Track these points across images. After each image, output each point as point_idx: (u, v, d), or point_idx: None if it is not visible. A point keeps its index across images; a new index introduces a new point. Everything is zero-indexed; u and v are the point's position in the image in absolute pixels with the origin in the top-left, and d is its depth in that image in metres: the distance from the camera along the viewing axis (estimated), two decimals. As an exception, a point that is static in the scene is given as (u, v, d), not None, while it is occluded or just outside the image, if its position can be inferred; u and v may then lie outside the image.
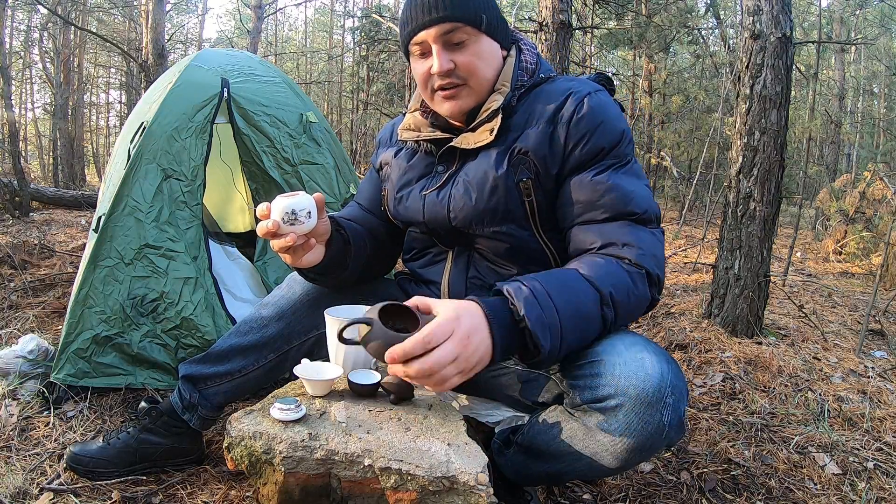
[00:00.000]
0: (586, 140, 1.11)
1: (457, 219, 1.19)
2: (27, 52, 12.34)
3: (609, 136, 1.11)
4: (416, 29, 1.14)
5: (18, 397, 1.70)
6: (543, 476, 1.14)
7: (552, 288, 0.96)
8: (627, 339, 1.00)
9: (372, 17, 10.05)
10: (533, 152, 1.13)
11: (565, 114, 1.12)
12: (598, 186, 1.10)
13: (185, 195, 2.03)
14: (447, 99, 1.17)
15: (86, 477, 1.35)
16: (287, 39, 21.15)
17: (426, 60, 1.16)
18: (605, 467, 1.00)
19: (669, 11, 7.64)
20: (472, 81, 1.15)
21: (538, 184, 1.14)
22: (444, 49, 1.13)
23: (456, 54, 1.14)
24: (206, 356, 1.37)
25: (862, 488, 1.53)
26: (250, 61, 2.54)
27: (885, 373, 2.41)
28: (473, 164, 1.18)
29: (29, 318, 2.36)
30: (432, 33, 1.12)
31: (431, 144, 1.25)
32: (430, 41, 1.13)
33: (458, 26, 1.12)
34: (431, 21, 1.11)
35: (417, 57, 1.18)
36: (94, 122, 16.21)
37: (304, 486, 1.02)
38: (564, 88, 1.16)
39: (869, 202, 5.48)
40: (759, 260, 2.75)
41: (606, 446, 0.98)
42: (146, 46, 5.52)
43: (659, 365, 0.95)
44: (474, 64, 1.14)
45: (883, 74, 12.54)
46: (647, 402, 0.93)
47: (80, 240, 4.03)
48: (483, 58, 1.15)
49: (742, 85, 2.78)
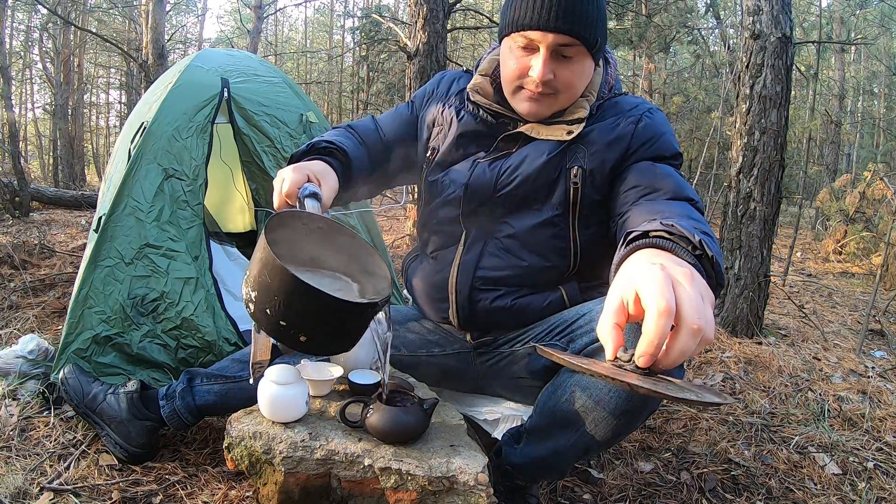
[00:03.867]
0: (651, 143, 1.16)
1: (504, 188, 1.20)
2: (27, 52, 12.33)
3: (669, 148, 1.17)
4: (532, 24, 1.09)
5: (18, 397, 1.70)
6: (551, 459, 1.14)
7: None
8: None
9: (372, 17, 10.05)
10: (594, 144, 1.16)
11: (633, 115, 1.17)
12: (659, 171, 1.12)
13: (186, 195, 2.03)
14: (531, 101, 1.17)
15: (66, 396, 1.49)
16: (287, 39, 21.14)
17: (526, 56, 1.13)
18: (612, 417, 1.00)
19: (669, 11, 7.64)
20: (564, 95, 1.16)
21: (588, 176, 1.16)
22: (552, 58, 1.11)
23: (560, 66, 1.12)
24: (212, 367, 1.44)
25: (862, 488, 1.53)
26: (250, 61, 2.54)
27: (885, 373, 2.41)
28: (534, 145, 1.20)
29: (29, 318, 2.36)
30: (549, 39, 1.09)
31: (492, 118, 1.25)
32: (543, 45, 1.10)
33: (576, 43, 1.10)
34: (554, 27, 1.07)
35: (518, 48, 1.14)
36: (94, 122, 16.21)
37: (304, 486, 1.02)
38: (633, 102, 1.22)
39: (869, 202, 5.48)
40: (759, 260, 2.75)
41: (608, 387, 0.98)
42: (146, 46, 5.52)
43: None
44: (573, 81, 1.15)
45: (883, 74, 12.54)
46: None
47: (80, 240, 4.03)
48: (583, 76, 1.16)
49: (742, 85, 2.78)
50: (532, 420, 1.16)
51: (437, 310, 1.33)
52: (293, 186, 1.08)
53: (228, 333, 1.94)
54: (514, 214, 1.21)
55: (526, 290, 1.23)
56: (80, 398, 1.47)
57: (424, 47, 4.32)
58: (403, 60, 6.89)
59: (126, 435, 1.42)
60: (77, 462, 1.43)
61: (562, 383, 1.09)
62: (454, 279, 1.26)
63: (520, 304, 1.23)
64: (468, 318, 1.27)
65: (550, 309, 1.23)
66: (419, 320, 1.42)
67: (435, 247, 1.33)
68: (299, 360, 1.27)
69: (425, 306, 1.37)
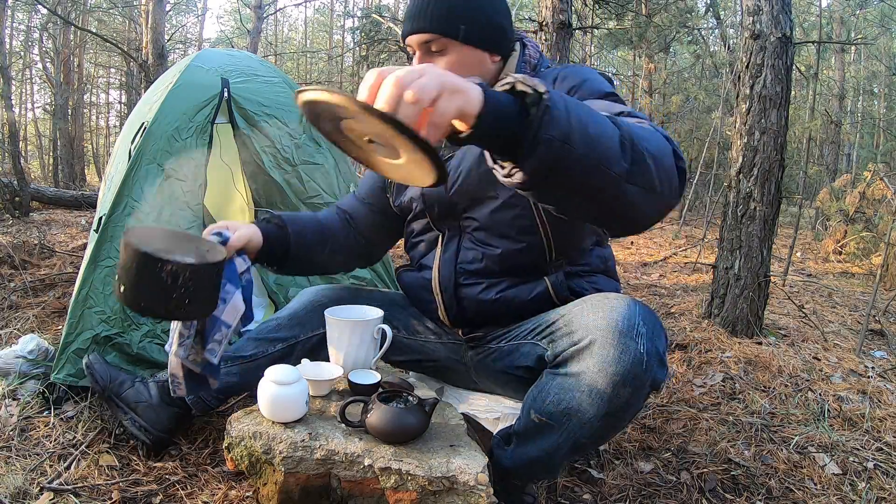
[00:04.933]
0: (571, 92, 1.15)
1: (454, 189, 1.26)
2: (27, 52, 12.33)
3: (592, 90, 1.14)
4: (404, 34, 1.24)
5: (18, 397, 1.70)
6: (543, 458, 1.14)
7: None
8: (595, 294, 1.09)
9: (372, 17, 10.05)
10: None
11: (549, 77, 1.22)
12: (591, 104, 0.95)
13: (185, 195, 2.03)
14: None
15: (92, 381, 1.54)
16: (287, 39, 21.13)
17: (416, 61, 1.24)
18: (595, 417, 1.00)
19: (669, 11, 7.64)
20: None
21: None
22: (424, 55, 1.22)
23: (435, 62, 1.21)
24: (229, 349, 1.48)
25: (862, 488, 1.53)
26: (250, 61, 2.54)
27: (885, 373, 2.41)
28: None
29: (29, 318, 2.36)
30: (415, 41, 1.22)
31: None
32: (415, 46, 1.23)
33: (436, 37, 1.20)
34: (413, 30, 1.21)
35: (411, 56, 1.27)
36: (94, 122, 16.19)
37: (304, 486, 1.02)
38: (556, 69, 1.26)
39: (869, 202, 5.48)
40: (759, 260, 2.75)
41: (590, 390, 0.99)
42: (146, 46, 5.52)
43: (625, 300, 1.01)
44: (451, 72, 1.16)
45: (883, 74, 12.54)
46: (619, 332, 0.97)
47: (80, 240, 4.03)
48: (461, 66, 1.21)
49: (742, 85, 2.78)
50: (520, 422, 1.17)
51: (428, 311, 1.41)
52: (205, 232, 1.20)
53: (228, 333, 1.94)
54: (474, 207, 1.26)
55: (508, 281, 1.26)
56: (107, 382, 1.52)
57: (424, 47, 4.31)
58: (403, 60, 6.90)
59: (154, 419, 1.47)
60: (77, 462, 1.43)
61: (545, 386, 1.09)
62: (437, 278, 1.32)
63: (504, 297, 1.26)
64: (457, 315, 1.32)
65: (537, 301, 1.25)
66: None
67: (417, 257, 1.42)
68: (299, 361, 1.27)
69: (419, 310, 1.46)
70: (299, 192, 2.32)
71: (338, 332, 1.25)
